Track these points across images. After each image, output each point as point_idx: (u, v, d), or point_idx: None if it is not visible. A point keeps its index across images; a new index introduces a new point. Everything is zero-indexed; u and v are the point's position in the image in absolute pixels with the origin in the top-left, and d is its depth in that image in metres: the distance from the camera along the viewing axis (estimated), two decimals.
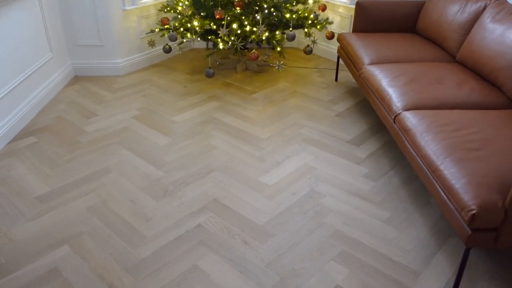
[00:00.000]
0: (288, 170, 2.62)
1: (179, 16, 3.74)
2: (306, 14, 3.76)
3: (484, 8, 2.89)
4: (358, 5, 3.56)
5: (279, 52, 3.74)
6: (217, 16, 3.43)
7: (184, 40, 3.74)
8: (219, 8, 3.48)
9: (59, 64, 3.73)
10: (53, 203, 2.33)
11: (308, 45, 3.91)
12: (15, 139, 2.95)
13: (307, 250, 2.04)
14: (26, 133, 3.02)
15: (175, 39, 3.71)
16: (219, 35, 3.52)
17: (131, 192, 2.43)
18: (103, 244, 2.05)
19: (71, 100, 3.50)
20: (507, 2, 2.80)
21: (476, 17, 2.92)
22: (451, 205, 1.82)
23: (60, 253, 2.00)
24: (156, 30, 3.92)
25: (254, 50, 3.67)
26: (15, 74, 3.05)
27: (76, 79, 3.91)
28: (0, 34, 2.87)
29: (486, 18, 2.76)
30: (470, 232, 1.70)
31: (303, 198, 2.38)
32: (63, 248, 2.03)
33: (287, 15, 3.65)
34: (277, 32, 3.67)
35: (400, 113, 2.41)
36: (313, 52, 4.54)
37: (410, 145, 2.25)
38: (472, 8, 2.96)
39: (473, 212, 1.65)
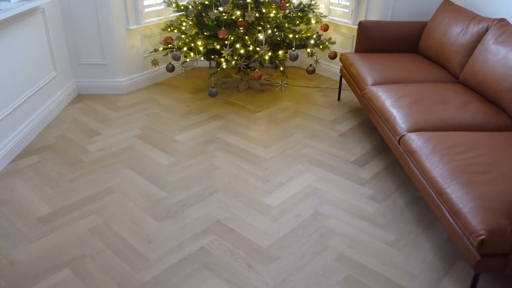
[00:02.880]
0: (292, 191, 2.60)
1: (183, 36, 3.76)
2: (309, 34, 3.79)
3: (487, 29, 2.91)
4: (360, 26, 3.58)
5: (282, 71, 3.75)
6: (221, 36, 3.45)
7: (188, 60, 3.76)
8: (223, 28, 3.51)
9: (63, 83, 3.75)
10: (55, 224, 2.30)
11: (310, 65, 3.92)
12: (18, 158, 2.94)
13: (312, 274, 2.00)
14: (28, 152, 3.01)
15: (179, 59, 3.73)
16: (222, 55, 3.54)
17: (133, 213, 2.40)
18: (105, 267, 2.02)
19: (74, 119, 3.50)
20: (510, 24, 2.81)
21: (478, 38, 2.94)
22: (458, 229, 1.79)
23: (61, 276, 1.97)
24: (160, 49, 3.94)
25: (257, 70, 3.68)
26: (19, 92, 3.06)
27: (80, 98, 3.92)
28: (5, 53, 2.89)
29: (489, 39, 2.77)
30: (479, 257, 1.68)
31: (308, 220, 2.36)
32: (64, 271, 2.00)
33: (290, 35, 3.68)
34: (280, 52, 3.68)
35: (405, 134, 2.40)
36: (316, 71, 4.55)
37: (416, 167, 2.23)
38: (474, 29, 2.97)
39: (482, 237, 1.63)
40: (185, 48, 3.69)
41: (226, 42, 3.56)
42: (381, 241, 2.21)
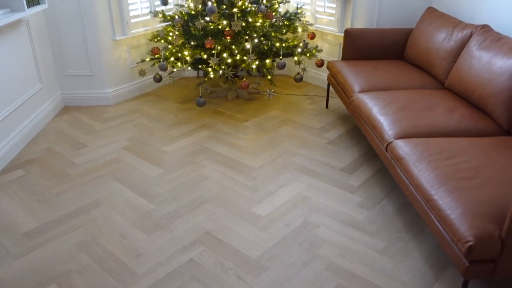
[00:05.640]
0: (281, 200, 2.59)
1: (170, 46, 3.76)
2: (296, 43, 3.81)
3: (470, 35, 2.94)
4: (346, 33, 3.61)
5: (269, 80, 3.75)
6: (208, 46, 3.45)
7: (175, 70, 3.74)
8: (209, 38, 3.51)
9: (49, 95, 3.71)
10: (41, 239, 2.26)
11: (298, 73, 3.94)
12: (3, 172, 2.89)
13: (303, 284, 1.99)
14: (13, 166, 2.96)
15: (166, 69, 3.72)
16: (210, 64, 3.53)
17: (121, 226, 2.37)
18: (93, 283, 1.99)
19: (61, 131, 3.47)
20: (492, 30, 2.85)
21: (463, 45, 2.97)
22: (447, 235, 1.80)
23: None
24: (147, 59, 3.93)
25: (244, 79, 3.68)
26: (4, 105, 3.02)
27: (66, 110, 3.88)
28: None
29: (473, 45, 2.80)
30: (467, 264, 1.68)
31: (297, 229, 2.35)
32: None
33: (277, 44, 3.69)
34: (267, 61, 3.69)
35: (392, 141, 2.41)
36: (304, 79, 4.57)
37: (403, 174, 2.24)
38: (458, 35, 3.01)
39: (470, 243, 1.63)
40: (172, 58, 3.68)
41: (213, 51, 3.56)
42: (371, 249, 2.20)
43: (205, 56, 3.59)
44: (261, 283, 1.99)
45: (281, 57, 3.72)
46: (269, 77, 3.71)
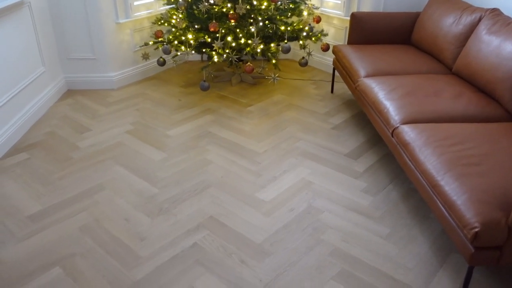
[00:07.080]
0: (285, 185, 2.58)
1: (173, 29, 3.71)
2: (301, 26, 3.75)
3: (479, 19, 2.88)
4: (353, 17, 3.55)
5: (274, 64, 3.71)
6: (212, 29, 3.41)
7: (178, 53, 3.71)
8: (214, 21, 3.46)
9: (52, 78, 3.68)
10: (45, 223, 2.27)
11: (303, 57, 3.89)
12: (6, 155, 2.89)
13: (306, 269, 1.99)
14: (17, 150, 2.96)
15: (169, 52, 3.68)
16: (214, 48, 3.49)
17: (125, 210, 2.37)
18: (96, 266, 1.99)
19: (64, 115, 3.45)
20: (502, 13, 2.79)
21: (471, 29, 2.91)
22: (452, 222, 1.78)
23: (51, 276, 1.94)
24: (150, 43, 3.89)
25: (249, 63, 3.64)
26: (6, 89, 3.00)
27: (69, 93, 3.86)
28: None
29: (482, 30, 2.75)
30: (473, 250, 1.67)
31: (301, 214, 2.34)
32: (55, 270, 1.97)
33: (282, 28, 3.63)
34: (272, 45, 3.64)
35: (398, 126, 2.38)
36: (309, 64, 4.52)
37: (409, 160, 2.22)
38: (467, 19, 2.95)
39: (476, 230, 1.61)
40: (175, 42, 3.64)
41: (217, 35, 3.51)
42: (375, 235, 2.19)
43: (209, 40, 3.55)
44: (264, 267, 1.99)
45: (286, 41, 3.67)
46: (273, 61, 3.67)
